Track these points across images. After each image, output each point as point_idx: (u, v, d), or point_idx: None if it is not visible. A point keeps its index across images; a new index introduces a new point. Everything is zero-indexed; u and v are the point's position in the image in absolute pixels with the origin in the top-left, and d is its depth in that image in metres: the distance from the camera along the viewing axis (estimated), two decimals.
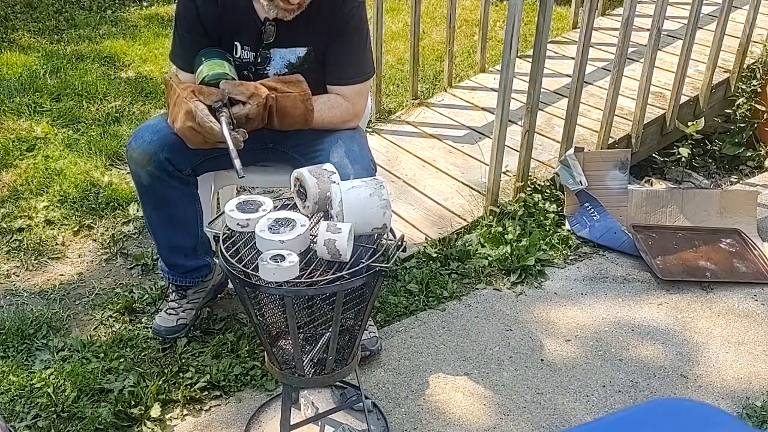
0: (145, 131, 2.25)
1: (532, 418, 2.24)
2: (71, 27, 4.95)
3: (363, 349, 2.35)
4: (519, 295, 2.73)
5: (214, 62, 2.17)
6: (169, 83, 2.22)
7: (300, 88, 2.19)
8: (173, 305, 2.48)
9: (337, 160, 2.17)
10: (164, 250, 2.42)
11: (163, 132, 2.22)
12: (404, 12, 5.17)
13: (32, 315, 2.55)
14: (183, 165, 2.25)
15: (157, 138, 2.21)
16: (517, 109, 3.44)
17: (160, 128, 2.24)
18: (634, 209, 3.11)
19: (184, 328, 2.45)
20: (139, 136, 2.24)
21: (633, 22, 3.05)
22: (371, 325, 2.45)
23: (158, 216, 2.33)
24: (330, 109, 2.26)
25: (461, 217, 3.06)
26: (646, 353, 2.49)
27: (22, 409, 2.20)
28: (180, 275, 2.45)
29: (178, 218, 2.33)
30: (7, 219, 3.03)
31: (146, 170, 2.23)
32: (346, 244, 1.67)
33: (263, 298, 1.81)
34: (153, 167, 2.21)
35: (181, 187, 2.27)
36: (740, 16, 3.82)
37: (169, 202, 2.28)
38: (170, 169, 2.23)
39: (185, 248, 2.41)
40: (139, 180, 2.27)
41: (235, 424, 2.19)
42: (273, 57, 2.25)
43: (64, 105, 3.86)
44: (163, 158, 2.20)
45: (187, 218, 2.34)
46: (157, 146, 2.20)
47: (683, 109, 3.58)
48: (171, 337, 2.44)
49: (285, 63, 2.26)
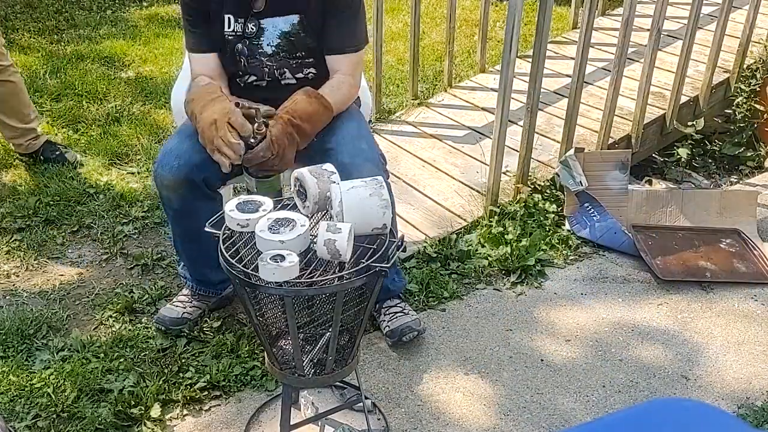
0: (170, 157, 2.24)
1: (532, 418, 2.24)
2: (71, 27, 4.95)
3: (410, 330, 2.40)
4: (519, 295, 2.73)
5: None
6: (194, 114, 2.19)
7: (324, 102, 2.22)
8: (183, 299, 2.51)
9: (348, 160, 2.20)
10: (194, 265, 2.46)
11: (187, 155, 2.22)
12: (404, 12, 5.17)
13: (32, 315, 2.55)
14: (213, 180, 2.27)
15: (184, 163, 2.22)
16: (517, 109, 3.43)
17: (183, 151, 2.23)
18: (634, 209, 3.11)
19: (187, 323, 2.46)
20: (165, 163, 2.24)
21: (633, 22, 3.05)
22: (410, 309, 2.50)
23: (189, 235, 2.35)
24: (338, 91, 2.28)
25: (461, 217, 3.06)
26: (646, 353, 2.49)
27: (22, 409, 2.20)
28: (206, 286, 2.51)
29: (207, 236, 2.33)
30: (7, 219, 3.03)
31: (178, 194, 2.24)
32: (346, 244, 1.67)
33: (263, 298, 1.81)
34: (185, 190, 2.23)
35: (209, 204, 2.28)
36: (740, 16, 3.82)
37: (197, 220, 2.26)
38: (202, 188, 2.25)
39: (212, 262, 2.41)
40: (170, 204, 2.30)
41: (235, 424, 2.19)
42: (266, 27, 2.26)
43: (64, 105, 3.86)
44: (197, 179, 2.22)
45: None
46: (186, 170, 2.21)
47: (683, 109, 3.57)
48: (174, 329, 2.45)
49: (278, 33, 2.27)
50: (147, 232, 3.00)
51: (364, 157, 2.22)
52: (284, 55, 2.30)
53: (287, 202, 1.91)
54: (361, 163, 2.20)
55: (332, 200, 1.77)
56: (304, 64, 2.32)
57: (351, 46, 2.31)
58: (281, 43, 2.28)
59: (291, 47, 2.29)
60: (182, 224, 2.35)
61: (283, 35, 2.27)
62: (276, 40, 2.27)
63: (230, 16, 2.26)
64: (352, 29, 2.30)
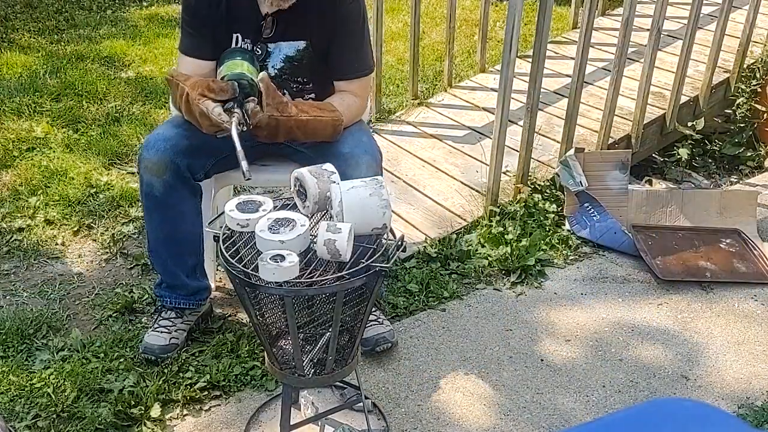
0: (157, 140, 2.22)
1: (532, 418, 2.24)
2: (71, 27, 4.95)
3: (385, 342, 2.39)
4: (519, 295, 2.73)
5: (233, 62, 2.12)
6: (174, 81, 2.17)
7: (334, 115, 2.21)
8: (165, 323, 2.40)
9: (348, 150, 2.20)
10: (168, 268, 2.39)
11: (175, 140, 2.21)
12: (404, 12, 5.17)
13: (32, 315, 2.55)
14: (198, 169, 2.25)
15: (171, 146, 2.20)
16: (517, 109, 3.43)
17: (171, 135, 2.22)
18: (634, 209, 3.11)
19: (176, 348, 2.39)
20: (152, 146, 2.21)
21: (633, 22, 3.05)
22: (385, 318, 2.47)
23: (164, 231, 2.31)
24: (347, 110, 2.28)
25: (461, 217, 3.06)
26: (646, 353, 2.49)
27: (22, 409, 2.20)
28: (182, 297, 2.42)
29: (184, 233, 2.31)
30: (7, 219, 3.03)
31: (162, 179, 2.20)
32: (346, 244, 1.67)
33: (263, 298, 1.81)
34: (169, 175, 2.20)
35: (191, 198, 2.26)
36: (740, 16, 3.82)
37: (177, 215, 2.27)
38: (186, 176, 2.23)
39: (188, 267, 2.39)
40: (151, 191, 2.24)
41: (235, 424, 2.19)
42: (272, 51, 2.27)
43: (64, 105, 3.86)
44: (181, 164, 2.20)
45: (194, 234, 2.33)
46: (172, 153, 2.19)
47: (683, 109, 3.57)
48: (164, 356, 2.36)
49: (283, 57, 2.27)
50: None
51: (363, 148, 2.23)
52: (286, 78, 2.30)
53: (287, 202, 1.91)
54: (360, 154, 2.21)
55: (332, 200, 1.77)
56: (305, 89, 2.33)
57: (361, 71, 2.32)
58: (285, 66, 2.28)
59: (294, 71, 2.30)
60: (161, 217, 2.28)
61: (288, 59, 2.28)
62: (280, 63, 2.28)
63: (238, 35, 2.25)
64: (361, 55, 2.31)
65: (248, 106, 2.06)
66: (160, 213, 2.28)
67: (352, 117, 2.30)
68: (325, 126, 2.20)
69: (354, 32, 2.27)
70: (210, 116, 2.04)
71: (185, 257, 2.38)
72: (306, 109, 2.17)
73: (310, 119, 2.15)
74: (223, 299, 2.65)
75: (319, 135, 2.21)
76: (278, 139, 2.17)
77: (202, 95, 2.05)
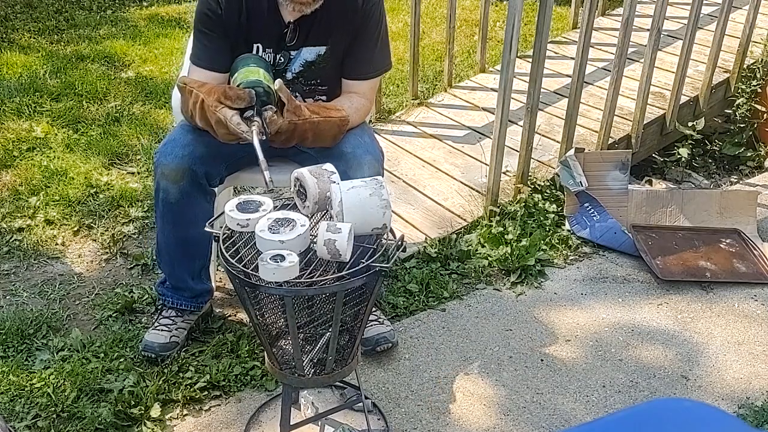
0: (174, 146, 2.19)
1: (532, 418, 2.24)
2: (71, 27, 4.95)
3: (385, 341, 2.39)
4: (519, 295, 2.73)
5: (248, 69, 2.09)
6: (187, 89, 2.12)
7: (340, 114, 2.20)
8: (166, 322, 2.41)
9: (350, 150, 2.20)
10: (175, 271, 2.39)
11: (192, 146, 2.19)
12: (404, 12, 5.17)
13: (32, 315, 2.55)
14: (214, 176, 2.25)
15: (188, 153, 2.18)
16: (517, 109, 3.44)
17: (188, 142, 2.20)
18: (634, 209, 3.11)
19: (176, 347, 2.39)
20: (169, 152, 2.19)
21: (633, 22, 3.05)
22: (385, 318, 2.47)
23: (176, 236, 2.30)
24: (356, 112, 2.27)
25: (461, 217, 3.06)
26: (646, 353, 2.49)
27: (22, 409, 2.20)
28: (184, 299, 2.43)
29: (195, 239, 2.28)
30: (7, 219, 3.03)
31: (179, 186, 2.19)
32: (346, 244, 1.67)
33: (263, 298, 1.81)
34: (186, 182, 2.18)
35: (205, 204, 2.26)
36: (740, 16, 3.82)
37: (191, 221, 2.24)
38: (203, 182, 2.22)
39: (194, 270, 2.40)
40: (167, 197, 2.22)
41: (235, 424, 2.19)
42: (294, 58, 2.26)
43: (64, 105, 3.86)
44: (199, 171, 2.18)
45: (204, 239, 2.30)
46: (190, 160, 2.17)
47: (683, 109, 3.58)
48: (165, 354, 2.36)
49: (302, 62, 2.27)
50: (147, 232, 3.00)
51: (365, 148, 2.23)
52: (301, 80, 2.30)
53: (287, 202, 1.91)
54: (361, 154, 2.20)
55: (332, 200, 1.77)
56: (317, 90, 2.33)
57: (375, 71, 2.32)
58: (303, 70, 2.28)
59: (310, 74, 2.29)
60: (174, 222, 2.27)
61: (307, 64, 2.27)
62: (299, 68, 2.28)
63: (259, 45, 2.23)
64: (376, 56, 2.30)
65: (266, 114, 2.03)
66: (173, 218, 2.27)
67: (359, 119, 2.30)
68: (332, 126, 2.19)
69: (372, 35, 2.26)
70: (228, 124, 2.02)
71: (193, 260, 2.38)
72: (316, 110, 2.17)
73: (321, 120, 2.15)
74: (223, 299, 2.65)
75: (326, 136, 2.19)
76: (292, 143, 2.16)
77: (218, 102, 2.03)
